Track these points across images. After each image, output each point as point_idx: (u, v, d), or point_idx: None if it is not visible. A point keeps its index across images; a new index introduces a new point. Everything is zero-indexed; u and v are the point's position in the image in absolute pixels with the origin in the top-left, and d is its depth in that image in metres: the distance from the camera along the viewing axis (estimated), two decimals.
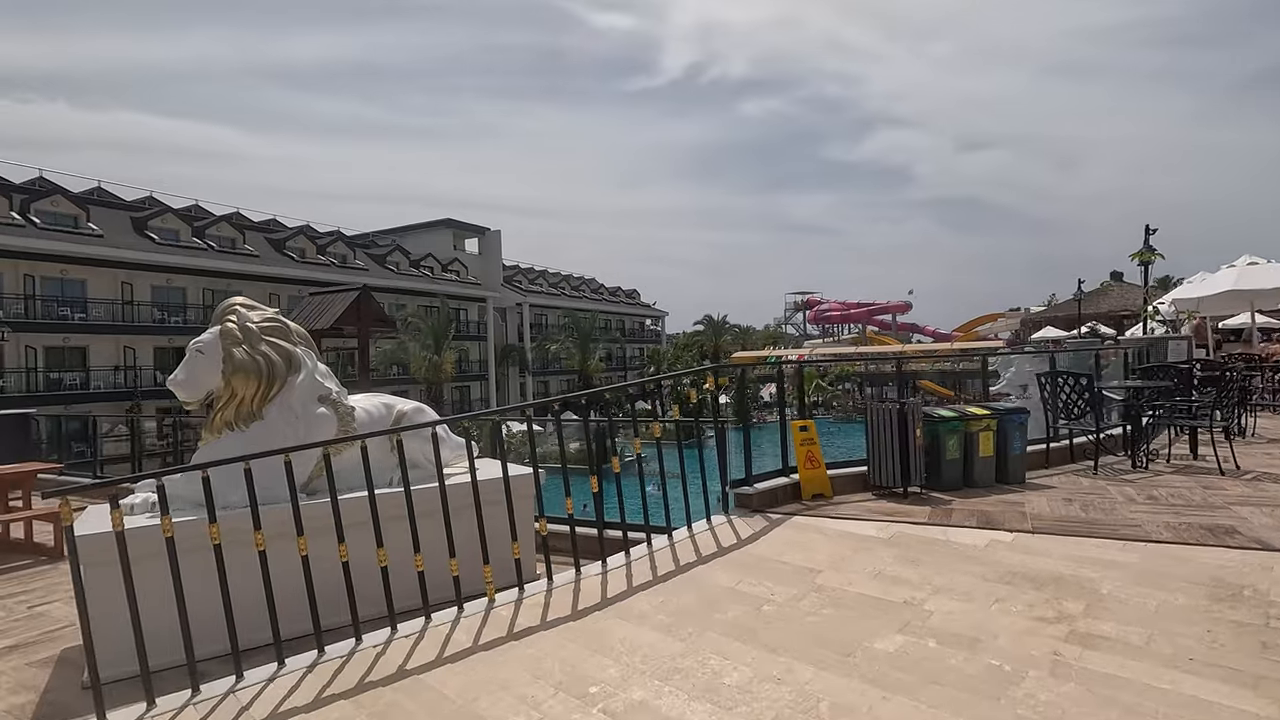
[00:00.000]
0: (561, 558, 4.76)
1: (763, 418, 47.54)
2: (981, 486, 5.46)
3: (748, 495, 5.00)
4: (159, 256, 30.86)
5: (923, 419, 5.32)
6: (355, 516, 3.66)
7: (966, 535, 4.18)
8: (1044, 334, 40.71)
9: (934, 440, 5.38)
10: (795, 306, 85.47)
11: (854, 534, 4.35)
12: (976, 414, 5.49)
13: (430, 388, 30.37)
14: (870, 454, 5.43)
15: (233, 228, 36.17)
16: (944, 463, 5.39)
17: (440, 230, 50.97)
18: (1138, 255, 10.50)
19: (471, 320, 47.54)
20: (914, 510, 4.82)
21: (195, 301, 32.49)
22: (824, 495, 5.33)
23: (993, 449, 5.52)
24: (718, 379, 5.24)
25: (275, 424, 4.18)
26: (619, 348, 59.76)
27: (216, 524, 3.16)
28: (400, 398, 5.02)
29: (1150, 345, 9.31)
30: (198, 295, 32.58)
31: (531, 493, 4.88)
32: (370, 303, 6.39)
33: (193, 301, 32.45)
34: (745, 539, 4.40)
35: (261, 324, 4.34)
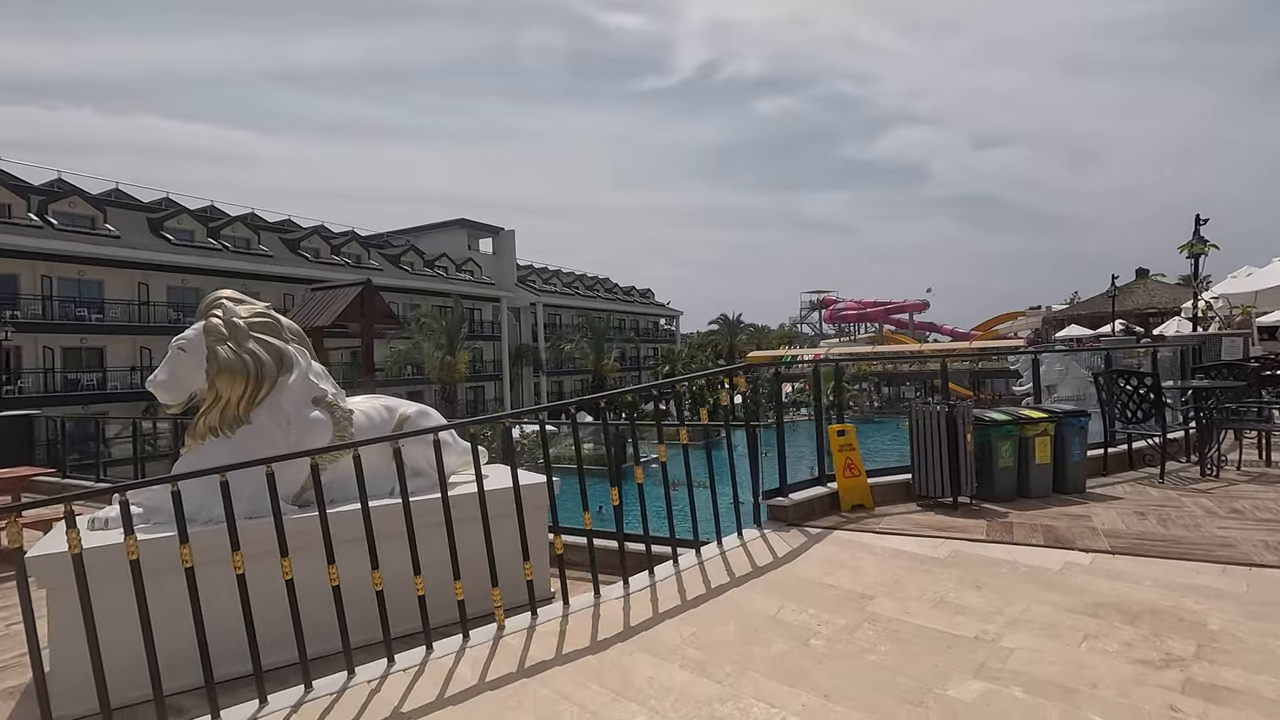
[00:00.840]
0: (579, 573, 4.35)
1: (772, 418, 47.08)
2: (1038, 497, 4.97)
3: (783, 507, 4.56)
4: (174, 257, 30.90)
5: (973, 423, 4.84)
6: (354, 531, 3.27)
7: (1035, 555, 3.70)
8: (1068, 332, 39.72)
9: (985, 446, 4.90)
10: (811, 305, 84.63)
11: (905, 552, 3.89)
12: (1032, 417, 5.00)
13: (444, 388, 30.12)
14: (915, 461, 4.96)
15: (247, 228, 36.20)
16: (996, 471, 4.91)
17: (454, 230, 50.85)
18: (1187, 247, 9.90)
19: (486, 320, 47.37)
20: (968, 524, 4.35)
21: None
22: (865, 506, 4.87)
23: (1050, 455, 5.03)
24: (733, 379, 4.80)
25: (264, 429, 3.80)
26: (633, 347, 59.36)
27: (188, 545, 2.78)
28: (404, 399, 4.63)
29: (1202, 343, 8.72)
30: None
31: (545, 503, 4.48)
32: (374, 298, 6.02)
33: None
34: (783, 557, 3.96)
35: (250, 319, 3.96)
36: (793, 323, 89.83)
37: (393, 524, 3.40)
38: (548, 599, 4.29)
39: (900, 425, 35.71)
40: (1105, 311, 42.43)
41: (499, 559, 3.45)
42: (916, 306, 70.79)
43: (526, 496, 4.07)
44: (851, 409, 47.79)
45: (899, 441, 28.42)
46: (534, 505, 4.21)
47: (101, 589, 3.00)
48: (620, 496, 3.91)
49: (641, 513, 3.91)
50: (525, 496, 4.04)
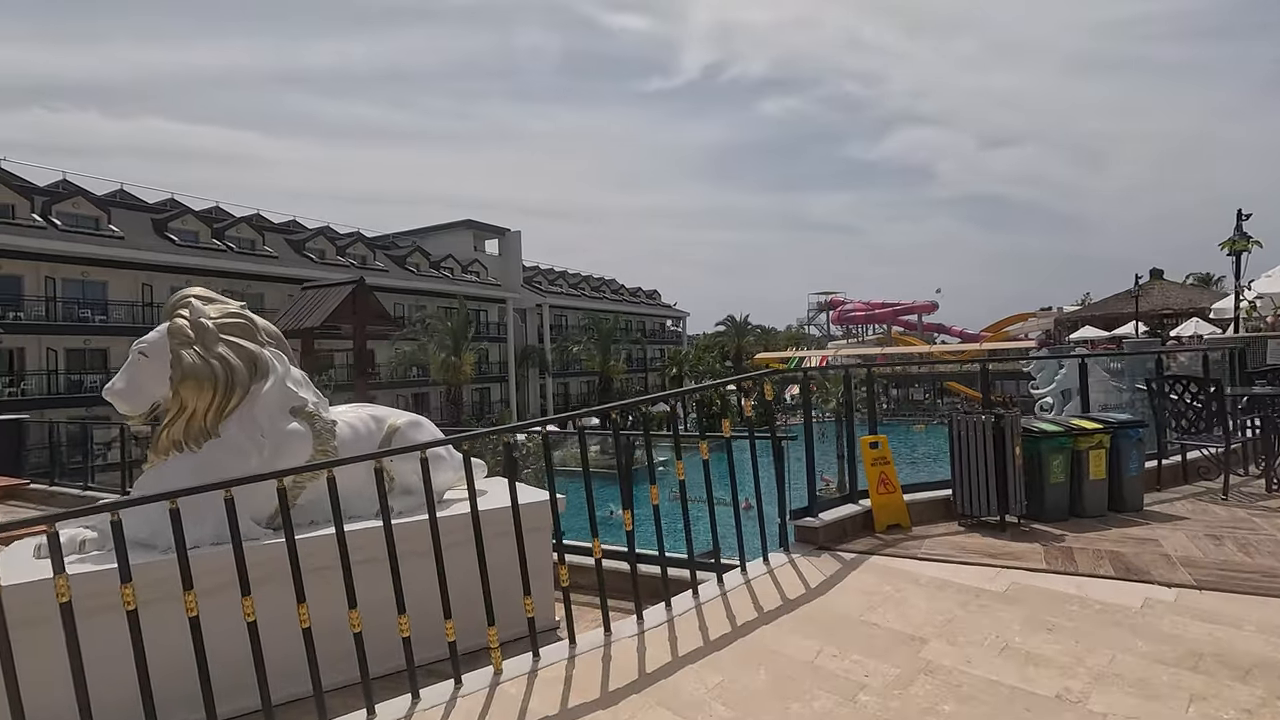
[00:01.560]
0: (587, 597, 3.93)
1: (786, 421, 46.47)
2: (1092, 516, 4.51)
3: (812, 529, 4.11)
4: (178, 258, 30.65)
5: (1021, 434, 4.38)
6: (332, 559, 2.86)
7: (1107, 590, 3.25)
8: (1083, 334, 39.09)
9: (1033, 460, 4.45)
10: (818, 307, 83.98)
11: (955, 583, 3.44)
12: (1085, 428, 4.54)
13: (449, 389, 29.77)
14: (956, 476, 4.50)
15: (252, 229, 35.99)
16: (1047, 487, 4.45)
17: (460, 231, 50.57)
18: (1229, 244, 9.39)
19: (491, 321, 47.04)
20: (1021, 550, 3.89)
21: None
22: (901, 526, 4.42)
23: (1104, 470, 4.57)
24: (759, 386, 4.37)
25: (235, 443, 3.39)
26: (639, 349, 58.95)
27: (130, 585, 2.37)
28: (394, 409, 4.22)
29: (1246, 345, 8.22)
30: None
31: (548, 524, 4.07)
32: (367, 297, 5.62)
33: None
34: (816, 587, 3.52)
35: (220, 320, 3.55)
36: (800, 324, 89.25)
37: (380, 548, 3.00)
38: (552, 629, 3.87)
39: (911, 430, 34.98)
40: (1120, 313, 41.76)
41: (497, 588, 3.03)
42: (925, 308, 70.12)
43: (527, 517, 3.65)
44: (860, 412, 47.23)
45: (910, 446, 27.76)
46: (536, 526, 3.80)
47: (28, 631, 2.60)
48: (633, 518, 3.49)
49: (658, 535, 3.48)
50: (526, 517, 3.62)
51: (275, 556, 2.94)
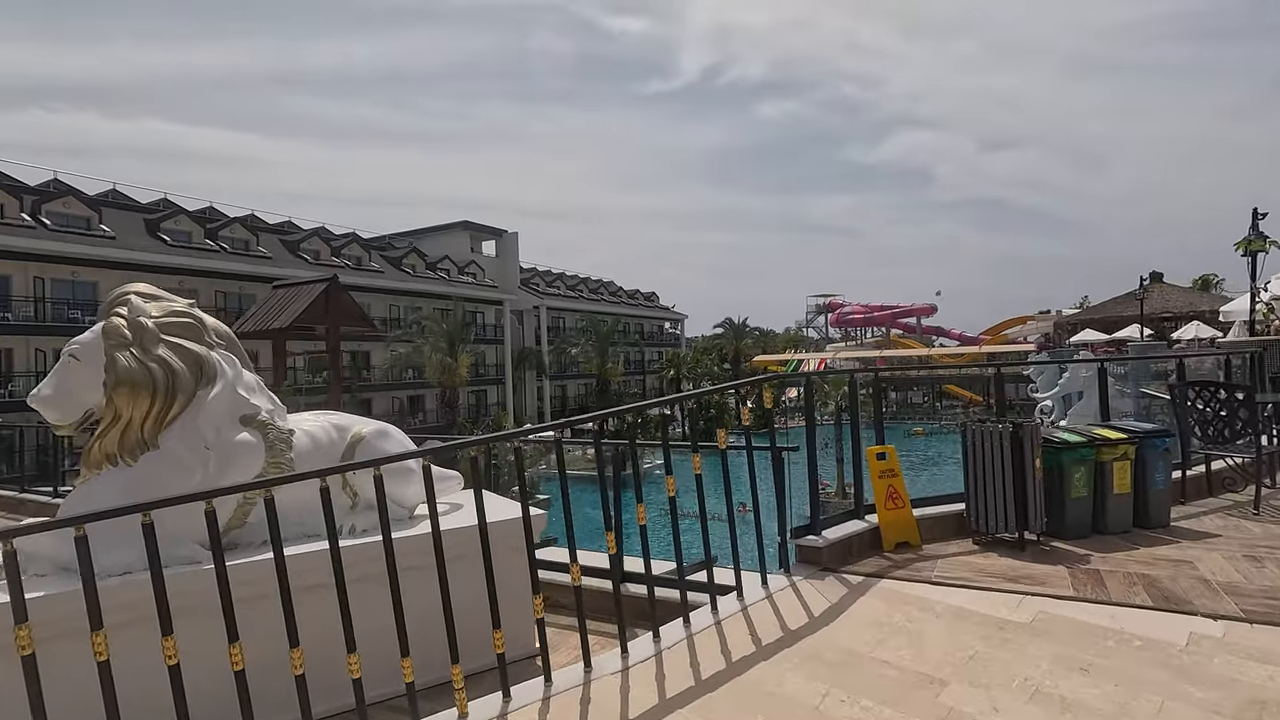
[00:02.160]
0: (566, 618, 3.61)
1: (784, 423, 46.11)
2: (1116, 533, 4.18)
3: (815, 548, 3.77)
4: (171, 258, 30.29)
5: (1041, 445, 4.05)
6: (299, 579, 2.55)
7: (1146, 622, 2.92)
8: (1083, 337, 38.79)
9: (1053, 472, 4.12)
10: (817, 309, 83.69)
11: (975, 613, 3.11)
12: (1109, 437, 4.21)
13: (444, 392, 29.41)
14: (970, 489, 4.17)
15: (246, 229, 35.62)
16: (1068, 502, 4.12)
17: (457, 232, 50.24)
18: (1244, 244, 9.08)
19: (488, 323, 46.68)
20: (1044, 573, 3.56)
21: (208, 304, 31.85)
22: (911, 544, 4.09)
23: (1130, 483, 4.24)
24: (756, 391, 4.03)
25: (175, 456, 3.06)
26: (638, 351, 58.62)
27: (27, 625, 2.03)
28: (360, 417, 3.88)
29: (1263, 349, 7.89)
30: (210, 298, 31.98)
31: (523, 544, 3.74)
32: (341, 295, 5.29)
33: (205, 304, 31.80)
34: (819, 616, 3.18)
35: (163, 319, 3.22)
36: (799, 326, 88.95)
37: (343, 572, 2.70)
38: (528, 657, 3.54)
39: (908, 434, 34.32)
40: (1119, 316, 41.47)
41: (468, 617, 2.71)
42: (924, 310, 69.93)
43: (504, 534, 3.33)
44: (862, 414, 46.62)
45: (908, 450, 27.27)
46: (512, 546, 3.46)
47: None
48: (619, 540, 3.16)
49: (645, 556, 3.15)
50: (502, 535, 3.31)
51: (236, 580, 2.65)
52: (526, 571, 3.65)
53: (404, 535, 3.26)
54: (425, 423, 39.42)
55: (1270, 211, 8.75)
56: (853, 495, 4.34)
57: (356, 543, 3.30)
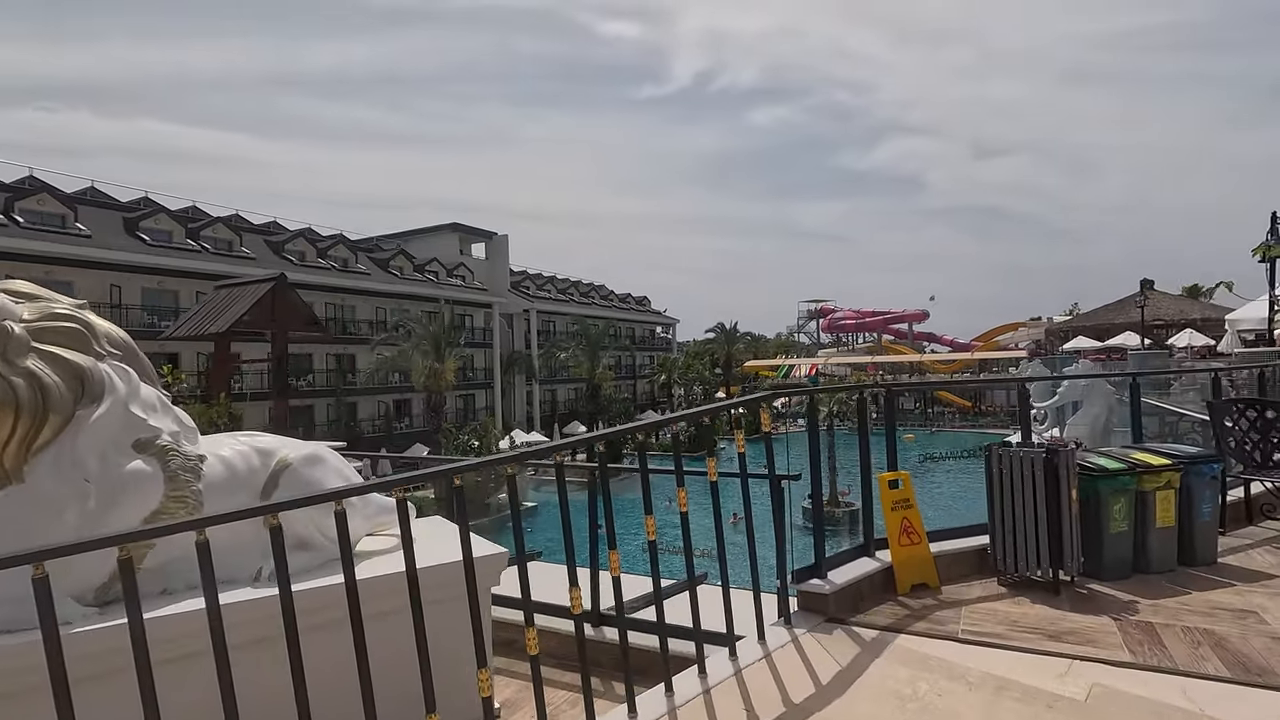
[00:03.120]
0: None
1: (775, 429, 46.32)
2: (1159, 571, 3.68)
3: (820, 595, 3.25)
4: (149, 258, 29.55)
5: (1077, 473, 3.55)
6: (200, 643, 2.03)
7: (1228, 701, 2.40)
8: (1074, 344, 38.62)
9: (1089, 504, 3.61)
10: (809, 315, 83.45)
11: (1016, 683, 2.58)
12: (1151, 464, 3.71)
13: (429, 396, 28.76)
14: (996, 522, 3.66)
15: (230, 229, 34.90)
16: (1106, 537, 3.62)
17: (446, 234, 49.59)
18: (1261, 249, 8.67)
19: (477, 326, 46.05)
20: (1089, 626, 3.05)
21: (188, 305, 31.09)
22: (928, 585, 3.57)
23: (1173, 515, 3.74)
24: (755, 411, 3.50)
25: (42, 491, 2.49)
26: (629, 355, 58.09)
27: None
28: (289, 439, 3.32)
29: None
30: (191, 299, 31.21)
31: (491, 584, 3.23)
32: (288, 296, 4.74)
33: (185, 305, 31.05)
34: (828, 685, 2.65)
35: (37, 324, 2.65)
36: (790, 332, 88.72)
37: (264, 627, 2.21)
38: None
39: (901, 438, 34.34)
40: (1111, 323, 41.38)
41: (399, 685, 2.19)
42: (916, 316, 69.82)
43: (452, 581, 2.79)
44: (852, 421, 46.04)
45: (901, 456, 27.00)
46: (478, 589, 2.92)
47: None
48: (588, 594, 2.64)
49: (616, 601, 2.61)
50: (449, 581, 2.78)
51: (111, 647, 2.16)
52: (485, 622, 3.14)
53: (327, 583, 2.73)
54: (411, 427, 38.74)
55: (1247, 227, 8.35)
56: (839, 499, 3.83)
57: (270, 594, 2.75)
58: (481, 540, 3.26)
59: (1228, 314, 14.90)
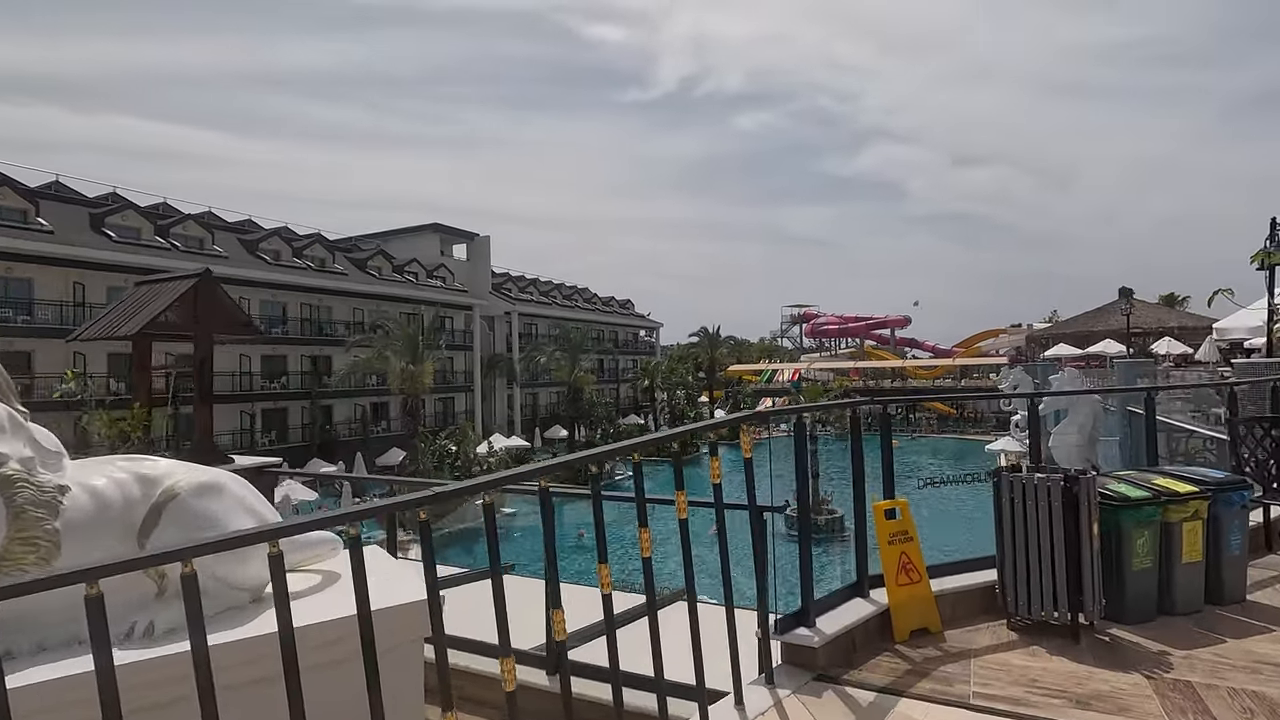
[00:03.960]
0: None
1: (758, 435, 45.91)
2: (1186, 612, 3.28)
3: (808, 647, 2.79)
4: (115, 255, 28.53)
5: (1099, 503, 3.13)
6: None
7: None
8: (1055, 351, 38.76)
9: (1110, 537, 3.20)
10: (792, 319, 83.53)
11: None
12: (1177, 491, 3.31)
13: (406, 400, 28.07)
14: (1005, 558, 3.23)
15: (201, 227, 33.96)
16: (1128, 575, 3.21)
17: (427, 235, 48.83)
18: (1260, 255, 8.41)
19: (458, 328, 45.32)
20: (1119, 685, 2.62)
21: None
22: (929, 630, 3.14)
23: (1201, 549, 3.34)
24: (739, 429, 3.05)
25: None
26: (611, 359, 57.62)
27: None
28: (181, 462, 2.80)
29: None
30: None
31: (420, 634, 2.74)
32: (215, 293, 4.21)
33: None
34: None
35: None
36: (774, 336, 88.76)
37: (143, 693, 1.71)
38: None
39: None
40: (1091, 331, 41.65)
41: None
42: (898, 322, 70.13)
43: (385, 634, 2.29)
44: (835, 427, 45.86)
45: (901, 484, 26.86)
46: (398, 663, 2.44)
47: None
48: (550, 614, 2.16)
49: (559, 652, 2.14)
50: (384, 634, 2.28)
51: None
52: (416, 683, 2.67)
53: (228, 639, 2.24)
54: (389, 430, 37.94)
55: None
56: (822, 505, 3.36)
57: (149, 655, 2.24)
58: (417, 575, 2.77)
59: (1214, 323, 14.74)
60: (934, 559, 3.44)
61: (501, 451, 30.46)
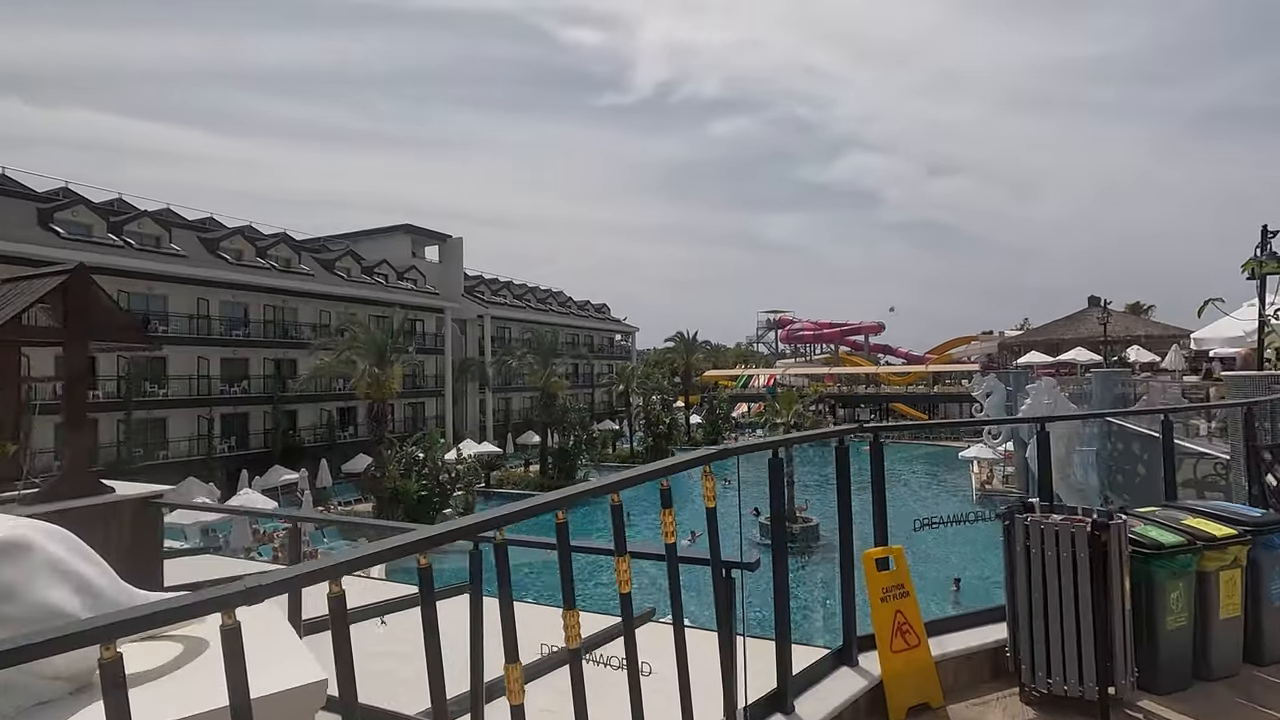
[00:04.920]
0: None
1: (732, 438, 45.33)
2: (1223, 677, 2.81)
3: None
4: (63, 253, 27.06)
5: (1130, 551, 2.64)
6: None
7: None
8: (1028, 359, 39.03)
9: (1139, 591, 2.72)
10: (768, 325, 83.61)
11: None
12: (1214, 535, 2.83)
13: (371, 406, 27.08)
14: (1017, 615, 2.73)
15: (159, 224, 32.57)
16: (1161, 634, 2.72)
17: (398, 236, 47.73)
18: (1251, 264, 8.11)
19: (429, 332, 44.28)
20: None
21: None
22: (930, 705, 2.62)
23: (1240, 602, 2.87)
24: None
25: None
26: (586, 364, 56.88)
27: None
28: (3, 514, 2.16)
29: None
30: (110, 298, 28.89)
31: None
32: (88, 293, 3.56)
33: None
34: None
35: None
36: (750, 342, 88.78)
37: None
38: None
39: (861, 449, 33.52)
40: (1061, 339, 42.08)
41: None
42: (872, 329, 70.57)
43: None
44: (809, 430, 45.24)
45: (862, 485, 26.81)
46: None
47: None
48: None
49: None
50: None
51: None
52: None
53: None
54: (356, 435, 36.78)
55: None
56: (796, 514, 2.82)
57: None
58: (298, 652, 2.17)
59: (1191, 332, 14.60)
60: (925, 595, 2.93)
61: (471, 458, 29.57)
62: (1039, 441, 3.21)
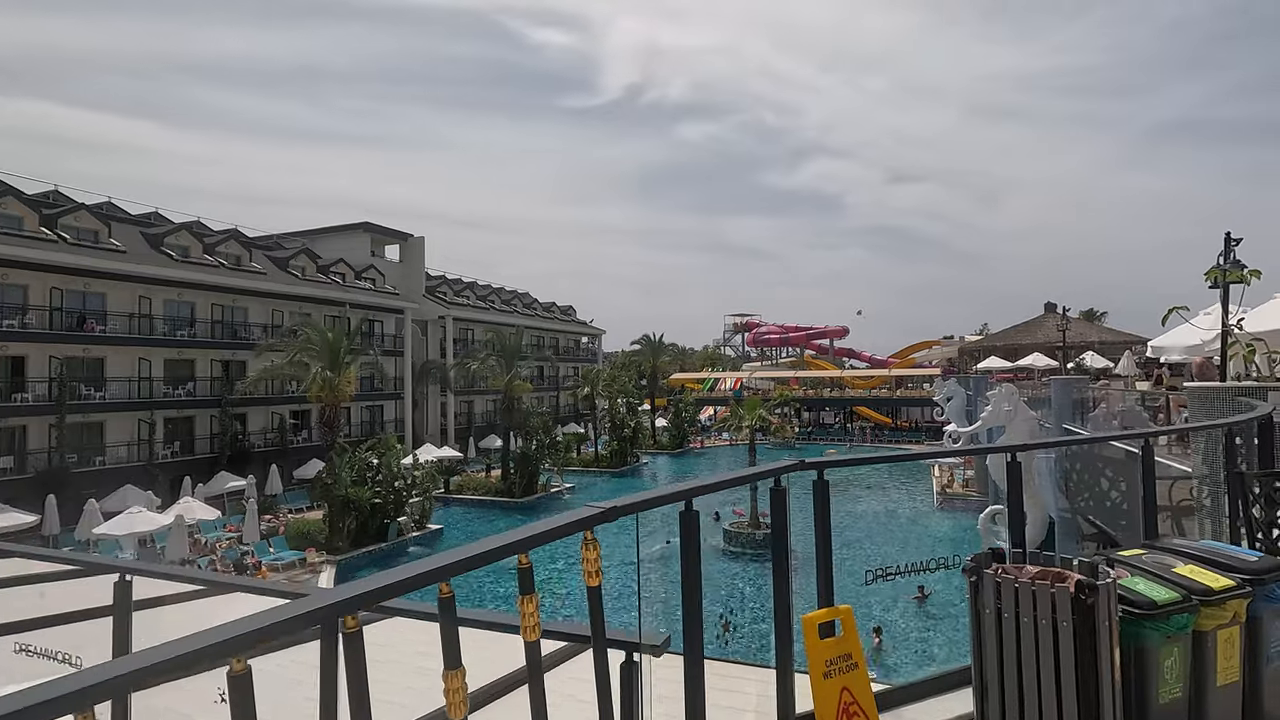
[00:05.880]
0: None
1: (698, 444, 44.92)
2: None
3: None
4: None
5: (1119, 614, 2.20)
6: None
7: None
8: (988, 364, 39.52)
9: (1129, 655, 2.29)
10: (734, 328, 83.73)
11: None
12: (1211, 588, 2.42)
13: (323, 410, 25.97)
14: (985, 687, 2.27)
15: (97, 218, 30.96)
16: (1152, 710, 2.29)
17: (357, 234, 46.39)
18: (1214, 273, 7.88)
19: (388, 333, 43.09)
20: None
21: (40, 303, 27.28)
22: None
23: (1239, 665, 2.47)
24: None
25: None
26: (551, 366, 56.08)
27: None
28: None
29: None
30: (44, 296, 27.38)
31: None
32: None
33: (36, 303, 27.23)
34: None
35: None
36: (716, 345, 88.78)
37: None
38: None
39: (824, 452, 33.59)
40: (1019, 344, 42.75)
41: None
42: (837, 333, 71.07)
43: None
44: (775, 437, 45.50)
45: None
46: None
47: None
48: None
49: None
50: None
51: None
52: None
53: None
54: (310, 440, 35.47)
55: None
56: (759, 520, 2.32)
57: None
58: None
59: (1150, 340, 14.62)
60: (884, 609, 2.46)
61: (429, 464, 28.63)
62: (1009, 475, 2.77)
